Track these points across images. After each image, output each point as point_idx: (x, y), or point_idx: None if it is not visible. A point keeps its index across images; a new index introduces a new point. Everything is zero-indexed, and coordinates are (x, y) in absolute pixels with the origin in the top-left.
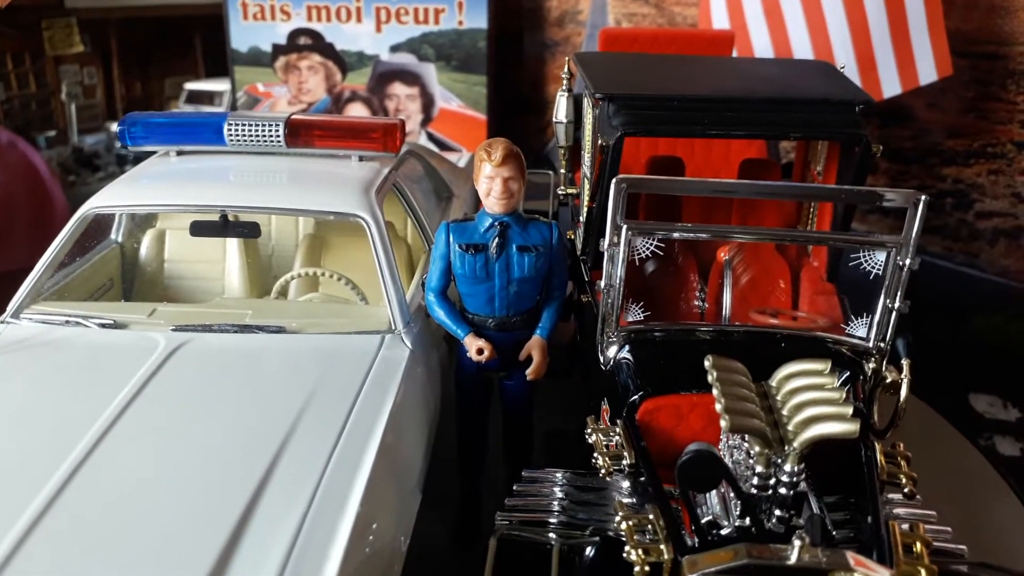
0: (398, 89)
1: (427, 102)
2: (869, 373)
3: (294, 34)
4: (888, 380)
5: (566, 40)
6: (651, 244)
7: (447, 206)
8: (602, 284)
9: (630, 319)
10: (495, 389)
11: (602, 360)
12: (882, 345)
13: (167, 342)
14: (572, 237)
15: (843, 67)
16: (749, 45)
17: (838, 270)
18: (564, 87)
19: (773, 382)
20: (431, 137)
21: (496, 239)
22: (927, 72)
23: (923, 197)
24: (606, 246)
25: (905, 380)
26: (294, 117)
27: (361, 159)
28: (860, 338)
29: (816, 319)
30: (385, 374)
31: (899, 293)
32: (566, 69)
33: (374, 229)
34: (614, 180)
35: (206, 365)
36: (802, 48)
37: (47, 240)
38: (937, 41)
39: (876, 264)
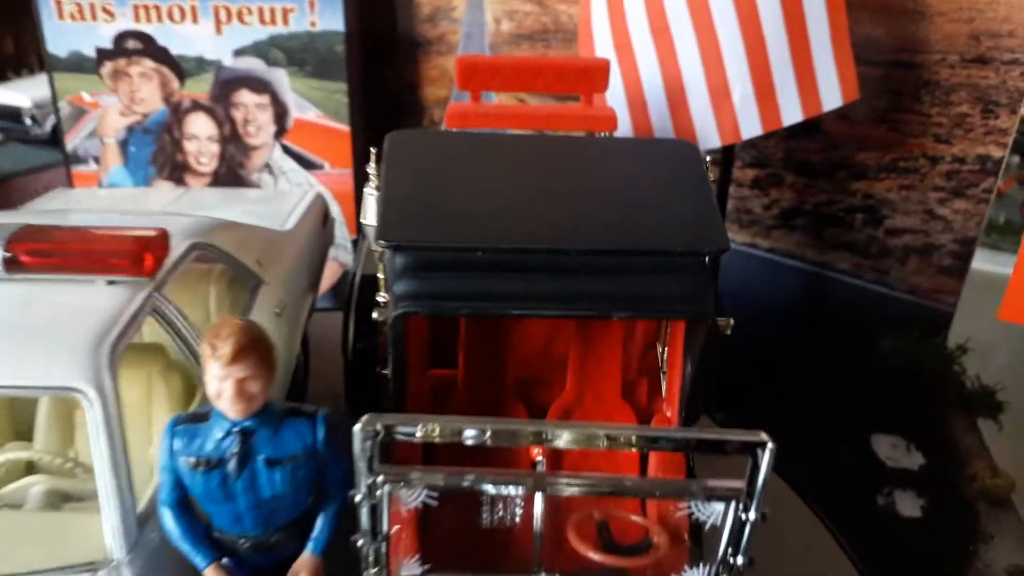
0: (246, 97)
1: (280, 112)
2: None
3: (121, 37)
4: None
5: (440, 39)
6: (420, 495)
7: (250, 300)
8: (354, 539)
9: (404, 573)
10: None
11: None
12: None
13: None
14: None
15: (709, 159)
16: (635, 67)
17: (693, 421)
18: (371, 183)
19: None
20: (287, 150)
21: (235, 451)
22: (831, 97)
23: (769, 445)
24: (357, 498)
25: None
26: (18, 236)
27: (111, 282)
28: None
29: (655, 533)
30: None
31: (742, 548)
32: (371, 162)
33: (97, 408)
34: (360, 423)
35: None
36: (693, 74)
37: None
38: (842, 63)
39: (711, 514)
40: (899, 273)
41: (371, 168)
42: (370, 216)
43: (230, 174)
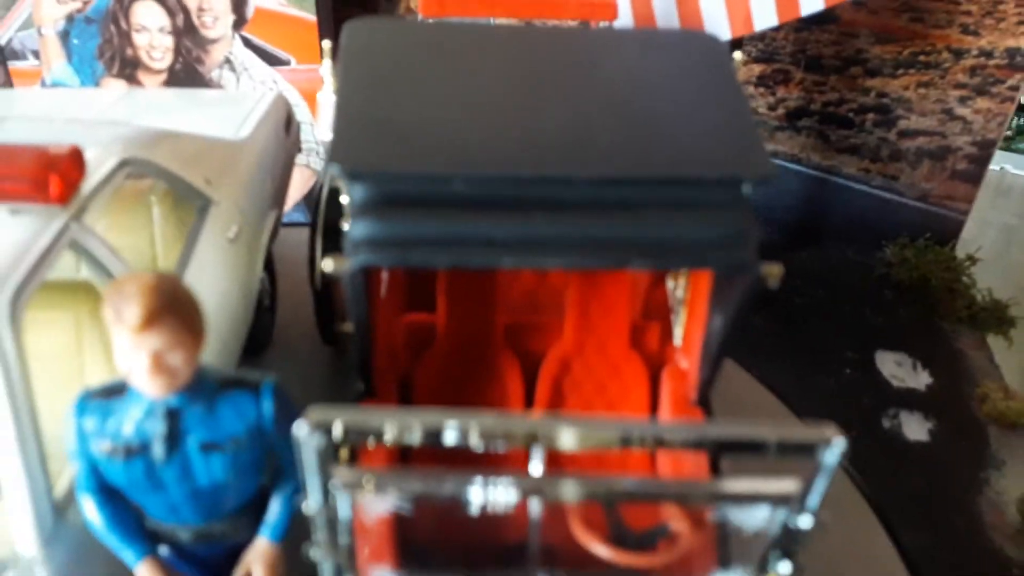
0: None
1: (238, 0)
2: None
3: None
4: None
5: None
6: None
7: (198, 224)
8: (308, 551)
9: None
10: None
11: None
12: None
13: None
14: None
15: (740, 59)
16: None
17: (714, 378)
18: (326, 87)
19: None
20: (248, 43)
21: (160, 433)
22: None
23: (838, 442)
24: (308, 510)
25: None
26: None
27: (15, 212)
28: None
29: (673, 519)
30: None
31: (791, 554)
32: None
33: None
34: (306, 419)
35: None
36: None
37: None
38: None
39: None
40: (909, 178)
41: (325, 67)
42: (325, 126)
43: (187, 71)
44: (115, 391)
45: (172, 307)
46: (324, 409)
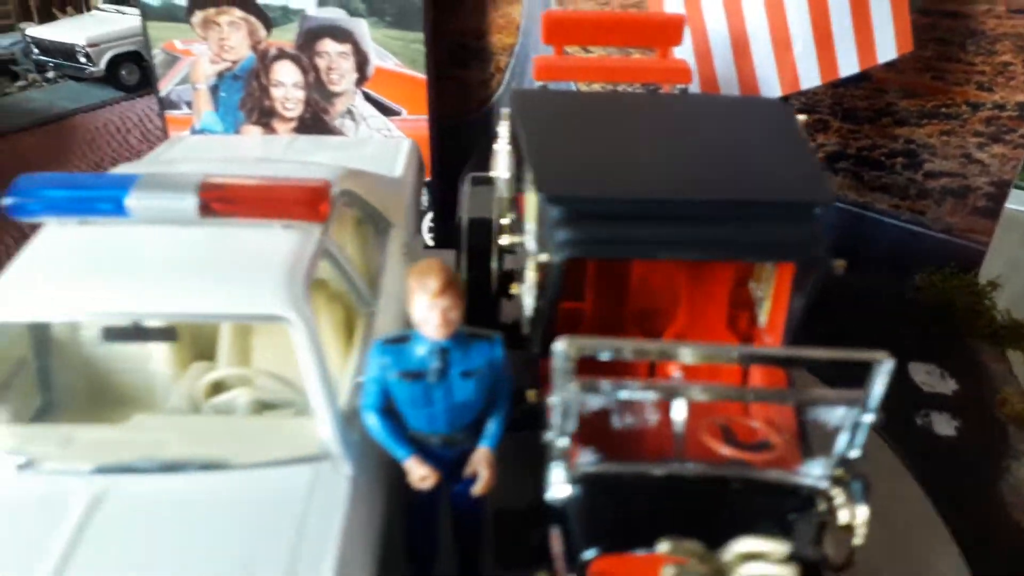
0: (329, 47)
1: (361, 60)
2: (822, 510)
3: None
4: (842, 524)
5: None
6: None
7: (384, 241)
8: (548, 435)
9: (581, 460)
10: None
11: (550, 494)
12: (836, 489)
13: (85, 493)
14: (515, 292)
15: (804, 120)
16: (702, 20)
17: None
18: (503, 139)
19: (728, 557)
20: (368, 97)
21: (436, 366)
22: (886, 49)
23: (888, 361)
24: (553, 401)
25: (860, 524)
26: (206, 186)
27: (287, 227)
28: (815, 478)
29: (770, 436)
30: (325, 522)
31: (857, 443)
32: (501, 123)
33: (302, 332)
34: (563, 344)
35: (131, 529)
36: (757, 26)
37: None
38: (899, 16)
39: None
40: (935, 213)
41: (502, 126)
42: (501, 168)
43: (314, 120)
44: (401, 339)
45: (454, 281)
46: (571, 339)
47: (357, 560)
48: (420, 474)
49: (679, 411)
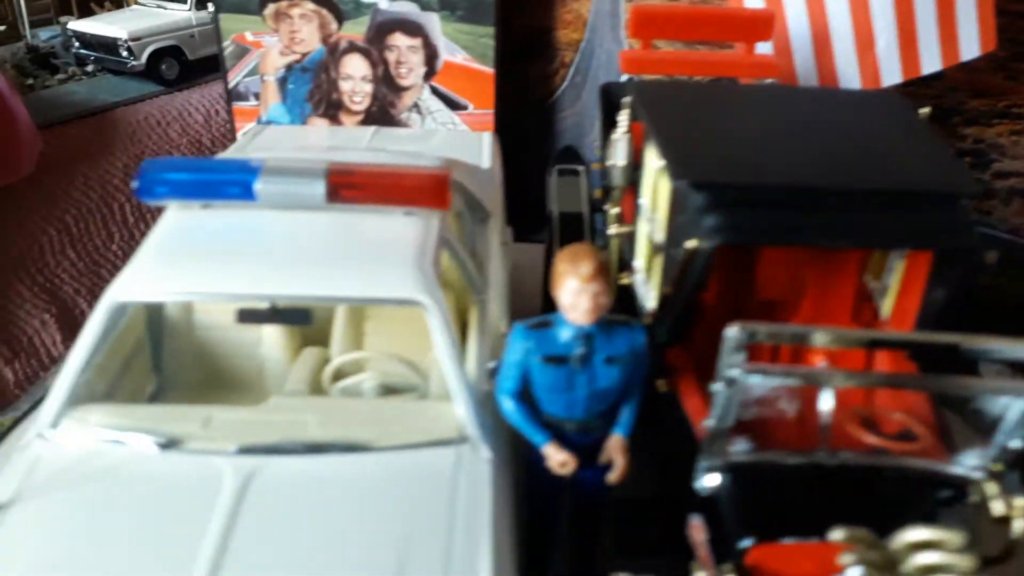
0: (399, 40)
1: (430, 54)
2: (975, 501)
3: None
4: (996, 516)
5: None
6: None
7: (484, 229)
8: (707, 423)
9: (734, 449)
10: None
11: (699, 483)
12: (991, 480)
13: (234, 473)
14: (625, 282)
15: (926, 112)
16: (783, 14)
17: None
18: (621, 128)
19: (897, 546)
20: (435, 91)
21: (580, 351)
22: (970, 47)
23: None
24: (717, 388)
25: (1018, 515)
26: (334, 173)
27: (408, 213)
28: (968, 468)
29: (912, 425)
30: (474, 504)
31: (1020, 434)
32: (623, 112)
33: (436, 315)
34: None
35: (283, 507)
36: (840, 22)
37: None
38: (984, 13)
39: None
40: (1001, 214)
41: (622, 116)
42: (619, 157)
43: (381, 113)
44: (543, 324)
45: (605, 267)
46: (746, 324)
47: (504, 540)
48: (560, 459)
49: (827, 400)
